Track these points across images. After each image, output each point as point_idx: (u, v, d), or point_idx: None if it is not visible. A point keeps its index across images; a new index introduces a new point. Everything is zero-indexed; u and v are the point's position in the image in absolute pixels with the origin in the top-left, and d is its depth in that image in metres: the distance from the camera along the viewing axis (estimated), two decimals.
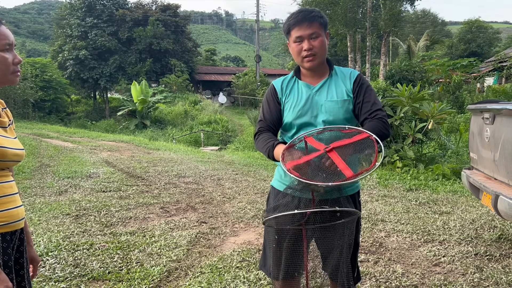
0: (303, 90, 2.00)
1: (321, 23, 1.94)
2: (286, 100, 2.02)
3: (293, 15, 1.94)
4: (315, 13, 1.93)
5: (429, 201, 5.63)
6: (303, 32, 1.92)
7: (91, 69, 31.83)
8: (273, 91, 2.07)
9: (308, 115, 1.96)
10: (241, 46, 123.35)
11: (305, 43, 1.92)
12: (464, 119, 12.28)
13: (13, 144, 1.49)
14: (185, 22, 37.74)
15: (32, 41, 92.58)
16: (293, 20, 1.93)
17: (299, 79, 2.04)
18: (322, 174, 1.63)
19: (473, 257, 3.66)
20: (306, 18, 1.91)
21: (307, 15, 1.92)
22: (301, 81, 2.03)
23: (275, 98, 2.05)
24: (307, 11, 1.94)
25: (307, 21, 1.90)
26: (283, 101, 2.03)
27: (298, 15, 1.93)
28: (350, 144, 1.69)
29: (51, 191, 6.31)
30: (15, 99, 22.18)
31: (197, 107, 26.97)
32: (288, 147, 1.78)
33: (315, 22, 1.91)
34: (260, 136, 2.01)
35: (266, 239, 2.16)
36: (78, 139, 15.31)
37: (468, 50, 38.80)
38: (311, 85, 2.00)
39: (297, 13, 1.94)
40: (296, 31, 1.93)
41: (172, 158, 10.57)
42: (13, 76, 1.50)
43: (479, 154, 3.81)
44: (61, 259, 3.58)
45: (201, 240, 4.21)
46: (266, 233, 2.14)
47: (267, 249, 2.14)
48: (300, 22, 1.91)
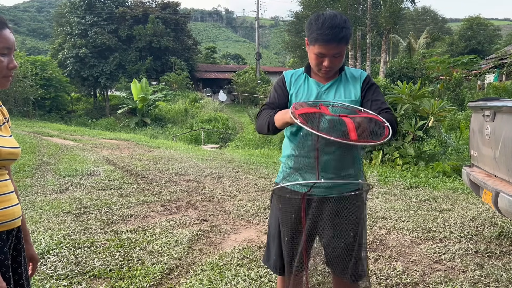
0: (313, 87, 2.01)
1: (348, 41, 1.88)
2: (295, 92, 2.02)
3: (323, 29, 1.82)
4: (345, 32, 1.83)
5: (430, 199, 5.64)
6: (328, 52, 1.86)
7: (91, 67, 31.80)
8: (283, 80, 2.07)
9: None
10: (241, 44, 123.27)
11: (326, 61, 1.88)
12: (464, 117, 12.28)
13: (7, 142, 1.48)
14: (185, 20, 37.69)
15: (32, 39, 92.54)
16: (322, 36, 1.83)
17: (309, 76, 2.04)
18: (329, 130, 1.63)
19: (474, 254, 3.66)
20: (335, 38, 1.82)
21: (338, 34, 1.81)
22: (311, 78, 2.04)
23: (283, 87, 2.05)
24: (338, 28, 1.82)
25: (335, 42, 1.83)
26: (291, 92, 2.03)
27: (329, 32, 1.81)
28: (363, 118, 1.69)
29: (52, 189, 6.32)
30: (16, 97, 22.15)
31: (197, 105, 26.97)
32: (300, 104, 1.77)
33: (343, 43, 1.85)
34: (262, 112, 2.03)
35: (269, 233, 2.16)
36: (79, 137, 15.31)
37: (469, 47, 38.74)
38: (320, 83, 2.01)
39: (328, 28, 1.81)
40: (322, 48, 1.86)
41: (172, 156, 10.58)
42: (4, 80, 1.50)
43: (479, 151, 3.81)
44: (62, 257, 3.58)
45: (202, 238, 4.22)
46: (272, 216, 2.14)
47: (271, 243, 2.15)
48: (329, 42, 1.83)
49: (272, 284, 3.10)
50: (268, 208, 5.25)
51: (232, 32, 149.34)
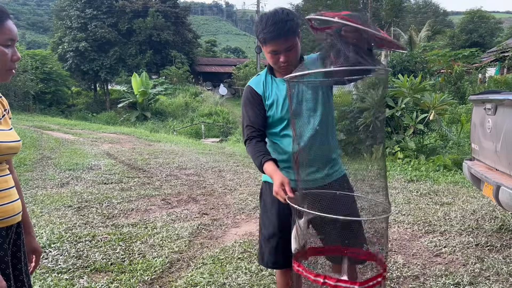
0: (281, 86, 2.02)
1: (296, 32, 1.87)
2: (269, 98, 2.03)
3: (268, 27, 1.84)
4: (289, 24, 1.83)
5: (430, 192, 5.64)
6: (279, 47, 1.87)
7: (91, 61, 31.71)
8: (254, 94, 2.04)
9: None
10: (242, 37, 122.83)
11: (281, 57, 1.89)
12: (465, 110, 12.24)
13: (7, 136, 1.45)
14: (185, 13, 37.55)
15: (32, 33, 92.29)
16: (269, 34, 1.84)
17: (274, 76, 2.05)
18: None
19: (474, 247, 3.67)
20: (282, 33, 1.82)
21: (283, 28, 1.82)
22: (277, 78, 2.04)
23: (258, 100, 2.03)
24: (282, 23, 1.82)
25: (283, 36, 1.84)
26: (266, 100, 2.03)
27: (273, 28, 1.83)
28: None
29: (53, 183, 6.33)
30: (16, 92, 22.12)
31: (198, 99, 26.93)
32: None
33: (290, 36, 1.85)
34: (250, 145, 2.00)
35: (263, 233, 2.18)
36: (79, 131, 15.31)
37: (470, 41, 38.53)
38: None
39: (271, 26, 1.83)
40: (271, 45, 1.88)
41: (173, 150, 10.58)
42: (7, 73, 1.47)
43: (480, 145, 3.80)
44: (64, 250, 3.60)
45: (203, 232, 4.23)
46: (264, 216, 2.17)
47: (264, 243, 2.17)
48: (276, 38, 1.84)
49: (272, 277, 3.11)
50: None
51: (232, 25, 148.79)
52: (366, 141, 1.97)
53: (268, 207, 2.13)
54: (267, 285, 3.00)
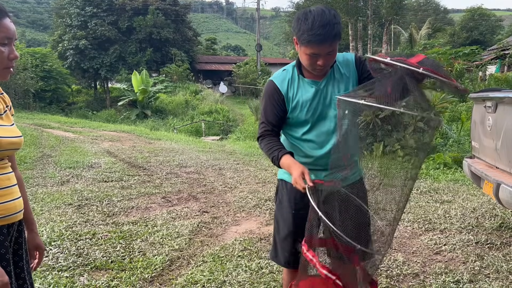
0: (311, 87, 1.94)
1: (340, 37, 1.81)
2: (293, 100, 1.94)
3: (315, 29, 1.73)
4: (337, 28, 1.76)
5: (430, 190, 5.64)
6: (322, 51, 1.79)
7: (91, 59, 31.66)
8: (277, 91, 1.95)
9: (319, 110, 1.95)
10: (242, 35, 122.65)
11: (321, 60, 1.82)
12: (466, 108, 12.22)
13: (8, 132, 1.45)
14: (185, 11, 37.44)
15: (32, 30, 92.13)
16: (315, 37, 1.74)
17: (303, 76, 1.95)
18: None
19: (474, 245, 3.67)
20: (328, 37, 1.74)
21: (330, 33, 1.74)
22: (306, 79, 1.95)
23: (279, 99, 1.94)
24: (330, 26, 1.73)
25: (329, 41, 1.76)
26: (290, 101, 1.94)
27: (321, 31, 1.73)
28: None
29: (53, 181, 6.33)
30: (16, 90, 22.11)
31: (198, 96, 26.91)
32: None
33: (336, 40, 1.79)
34: (264, 140, 1.95)
35: (278, 231, 2.15)
36: (79, 129, 15.31)
37: (470, 38, 38.48)
38: (316, 81, 1.94)
39: (319, 28, 1.73)
40: (315, 48, 1.78)
41: (173, 148, 10.58)
42: (5, 72, 1.45)
43: (481, 142, 3.80)
44: (64, 248, 3.60)
45: (203, 230, 4.24)
46: (280, 214, 2.13)
47: (280, 241, 2.14)
48: (322, 42, 1.75)
49: (273, 275, 3.11)
50: (269, 199, 5.27)
51: (232, 23, 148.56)
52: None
53: (284, 205, 2.10)
54: (267, 283, 3.01)
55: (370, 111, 1.63)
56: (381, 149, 8.26)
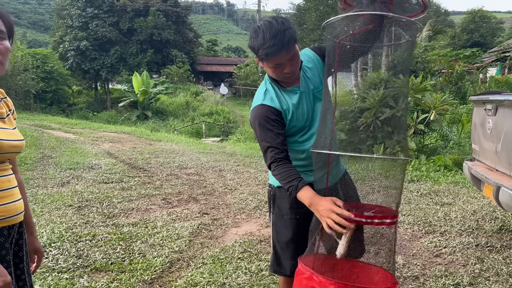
0: (294, 94, 1.95)
1: (296, 39, 1.80)
2: (289, 112, 1.93)
3: (267, 41, 1.74)
4: (288, 33, 1.76)
5: (431, 192, 5.64)
6: (283, 59, 1.79)
7: (92, 60, 31.71)
8: (273, 112, 1.90)
9: (310, 110, 1.97)
10: (243, 37, 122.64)
11: (286, 67, 1.82)
12: (466, 110, 12.23)
13: (10, 135, 1.45)
14: (186, 13, 37.50)
15: (33, 31, 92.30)
16: (270, 49, 1.74)
17: (284, 87, 1.95)
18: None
19: (474, 248, 3.67)
20: (283, 45, 1.74)
21: (282, 41, 1.74)
22: (287, 88, 1.95)
23: (278, 118, 1.91)
24: (281, 33, 1.74)
25: (285, 48, 1.75)
26: (287, 114, 1.93)
27: (274, 42, 1.73)
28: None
29: (54, 182, 6.33)
30: (17, 90, 22.13)
31: (199, 98, 26.93)
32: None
33: (291, 45, 1.77)
34: (279, 167, 1.86)
35: (279, 240, 2.12)
36: (80, 130, 15.32)
37: (471, 40, 38.49)
38: (297, 86, 1.96)
39: (271, 39, 1.74)
40: (275, 59, 1.79)
41: (173, 149, 10.58)
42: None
43: (481, 145, 3.80)
44: (64, 250, 3.60)
45: (203, 231, 4.23)
46: (279, 222, 2.11)
47: (281, 250, 2.11)
48: (278, 51, 1.75)
49: (272, 277, 3.11)
50: None
51: (233, 24, 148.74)
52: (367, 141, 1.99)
53: (284, 212, 2.06)
54: (267, 285, 3.00)
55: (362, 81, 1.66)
56: (382, 151, 8.26)
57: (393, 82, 9.09)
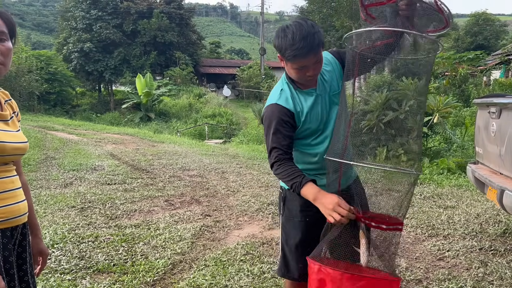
0: (310, 96, 1.94)
1: (323, 44, 1.81)
2: (302, 114, 1.92)
3: (296, 43, 1.74)
4: (318, 37, 1.76)
5: (434, 195, 5.62)
6: (308, 62, 1.79)
7: (96, 61, 31.84)
8: (286, 113, 1.90)
9: (325, 114, 1.96)
10: (246, 39, 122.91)
11: (310, 71, 1.82)
12: (470, 113, 12.19)
13: (14, 137, 1.45)
14: (189, 15, 37.62)
15: (37, 33, 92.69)
16: (299, 51, 1.74)
17: (300, 88, 1.95)
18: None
19: (478, 251, 3.65)
20: (312, 49, 1.74)
21: (312, 44, 1.74)
22: (304, 90, 1.95)
23: (290, 119, 1.90)
24: (311, 38, 1.74)
25: (313, 51, 1.75)
26: (300, 116, 1.92)
27: (303, 44, 1.73)
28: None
29: (57, 183, 6.35)
30: (21, 92, 22.23)
31: (202, 100, 26.95)
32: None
33: (319, 50, 1.78)
34: (282, 166, 1.87)
35: (288, 243, 2.10)
36: (83, 132, 15.36)
37: (475, 43, 38.40)
38: (313, 88, 1.95)
39: (300, 41, 1.73)
40: (301, 61, 1.79)
41: (176, 151, 10.59)
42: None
43: (484, 148, 3.78)
44: (67, 251, 3.61)
45: (205, 233, 4.23)
46: (289, 225, 2.09)
47: (290, 254, 2.09)
48: (307, 54, 1.75)
49: (275, 280, 3.10)
50: (272, 204, 5.26)
51: (236, 27, 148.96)
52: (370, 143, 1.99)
53: (294, 214, 2.06)
54: None
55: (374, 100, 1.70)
56: (385, 154, 8.24)
57: (397, 84, 9.08)
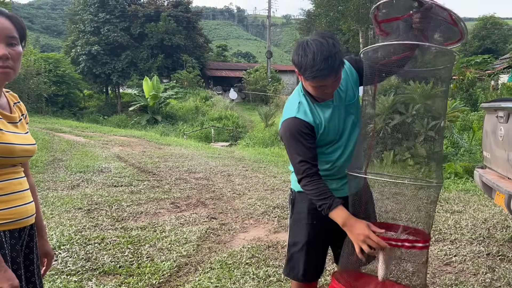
0: (328, 109, 1.94)
1: (343, 64, 1.79)
2: (321, 126, 1.92)
3: (317, 64, 1.69)
4: (339, 57, 1.72)
5: (441, 200, 5.58)
6: (328, 83, 1.77)
7: (104, 64, 32.04)
8: (306, 126, 1.88)
9: (341, 125, 1.97)
10: (252, 42, 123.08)
11: (329, 89, 1.81)
12: (477, 117, 12.11)
13: (23, 139, 1.47)
14: (196, 18, 37.75)
15: (46, 36, 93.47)
16: (319, 72, 1.70)
17: (318, 101, 1.93)
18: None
19: (485, 257, 3.62)
20: (333, 71, 1.71)
21: (333, 65, 1.70)
22: (321, 103, 1.94)
23: (311, 132, 1.90)
24: (332, 57, 1.69)
25: (334, 73, 1.73)
26: (319, 128, 1.92)
27: (324, 65, 1.69)
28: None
29: (64, 185, 6.39)
30: (29, 94, 22.40)
31: (208, 103, 27.01)
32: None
33: (339, 71, 1.76)
34: (313, 182, 1.86)
35: (296, 244, 2.11)
36: (90, 134, 15.44)
37: (483, 47, 38.16)
38: (330, 100, 1.94)
39: (322, 62, 1.68)
40: (320, 82, 1.76)
41: (183, 154, 10.62)
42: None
43: (492, 153, 3.76)
44: (73, 252, 3.62)
45: (211, 236, 4.23)
46: (298, 226, 2.10)
47: (297, 254, 2.11)
48: (326, 76, 1.72)
49: (280, 283, 3.10)
50: (278, 207, 5.25)
51: (243, 30, 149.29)
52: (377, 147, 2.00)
53: (302, 217, 2.07)
54: None
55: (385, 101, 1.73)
56: (391, 157, 8.20)
57: (404, 88, 9.04)
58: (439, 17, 1.66)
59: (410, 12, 1.67)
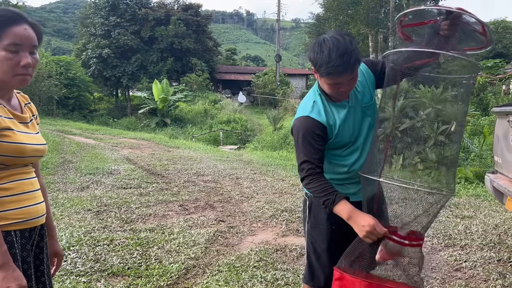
0: (343, 109, 1.93)
1: (360, 62, 1.79)
2: (335, 127, 1.90)
3: (333, 60, 1.69)
4: (355, 55, 1.71)
5: (451, 205, 5.52)
6: (343, 80, 1.76)
7: (114, 67, 32.29)
8: (318, 126, 1.87)
9: (357, 127, 1.95)
10: (262, 46, 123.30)
11: (344, 87, 1.80)
12: (488, 122, 11.98)
13: (33, 139, 1.49)
14: (206, 22, 37.94)
15: (57, 39, 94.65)
16: (335, 69, 1.70)
17: (333, 101, 1.92)
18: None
19: (496, 263, 3.57)
20: (348, 67, 1.71)
21: (349, 62, 1.69)
22: (336, 103, 1.92)
23: (322, 133, 1.88)
24: (348, 54, 1.69)
25: (350, 70, 1.72)
26: (333, 129, 1.90)
27: (340, 62, 1.68)
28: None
29: (74, 186, 6.44)
30: (40, 96, 22.67)
31: (217, 106, 27.10)
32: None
33: (355, 68, 1.75)
34: (315, 180, 1.85)
35: (315, 250, 2.09)
36: (100, 136, 15.56)
37: (494, 51, 37.74)
38: (346, 100, 1.93)
39: (338, 59, 1.68)
40: (335, 79, 1.76)
41: (191, 157, 10.65)
42: (17, 79, 1.40)
43: (503, 157, 3.71)
44: (82, 253, 3.65)
45: (219, 239, 4.24)
46: (315, 232, 2.09)
47: (316, 261, 2.08)
48: (341, 73, 1.72)
49: (288, 287, 3.09)
50: (286, 210, 5.24)
51: (252, 34, 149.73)
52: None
53: (321, 222, 2.05)
54: None
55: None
56: (401, 162, 8.14)
57: (413, 92, 8.98)
58: (469, 26, 1.64)
59: (437, 18, 1.65)
